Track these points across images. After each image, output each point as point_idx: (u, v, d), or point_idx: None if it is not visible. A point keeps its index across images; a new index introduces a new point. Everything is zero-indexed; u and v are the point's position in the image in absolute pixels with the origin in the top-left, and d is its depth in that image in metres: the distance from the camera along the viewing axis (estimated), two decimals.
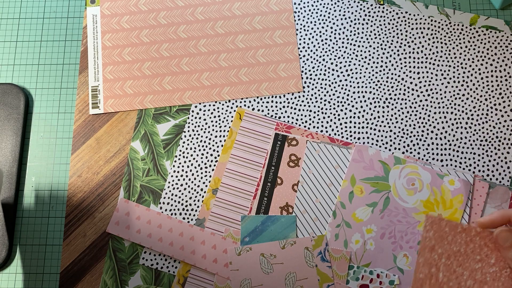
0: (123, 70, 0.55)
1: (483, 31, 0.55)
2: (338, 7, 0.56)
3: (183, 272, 0.49)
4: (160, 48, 0.55)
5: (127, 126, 0.54)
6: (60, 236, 0.51)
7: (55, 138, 0.54)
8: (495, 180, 0.51)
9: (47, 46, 0.56)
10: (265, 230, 0.50)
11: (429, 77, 0.54)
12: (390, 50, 0.55)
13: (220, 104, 0.54)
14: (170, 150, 0.53)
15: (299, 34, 0.56)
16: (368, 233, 0.49)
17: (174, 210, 0.51)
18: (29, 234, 0.51)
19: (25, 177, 0.53)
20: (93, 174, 0.52)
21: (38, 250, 0.51)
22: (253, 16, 0.56)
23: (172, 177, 0.52)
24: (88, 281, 0.50)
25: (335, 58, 0.55)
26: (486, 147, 0.52)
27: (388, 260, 0.48)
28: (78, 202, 0.52)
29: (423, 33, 0.55)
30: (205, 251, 0.49)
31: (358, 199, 0.50)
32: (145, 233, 0.50)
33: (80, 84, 0.55)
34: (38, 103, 0.55)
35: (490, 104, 0.53)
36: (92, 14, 0.57)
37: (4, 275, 0.50)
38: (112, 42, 0.56)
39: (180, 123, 0.53)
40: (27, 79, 0.55)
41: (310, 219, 0.50)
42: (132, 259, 0.50)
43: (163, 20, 0.56)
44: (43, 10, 0.57)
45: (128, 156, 0.53)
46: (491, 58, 0.54)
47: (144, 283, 0.49)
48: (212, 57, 0.55)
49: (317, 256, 0.48)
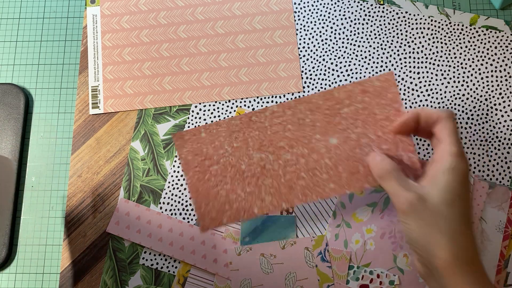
0: (123, 70, 0.55)
1: (483, 31, 0.55)
2: (338, 7, 0.56)
3: (183, 272, 0.49)
4: (160, 48, 0.55)
5: (127, 126, 0.54)
6: (60, 236, 0.51)
7: (55, 138, 0.54)
8: (495, 180, 0.51)
9: (47, 46, 0.56)
10: (265, 230, 0.50)
11: (429, 77, 0.54)
12: (390, 50, 0.55)
13: (220, 104, 0.54)
14: (170, 150, 0.53)
15: (299, 34, 0.56)
16: (368, 233, 0.49)
17: (174, 210, 0.51)
18: (29, 234, 0.51)
19: (25, 177, 0.53)
20: (93, 174, 0.52)
21: (38, 250, 0.51)
22: (253, 16, 0.56)
23: (172, 177, 0.52)
24: (88, 281, 0.50)
25: (335, 58, 0.55)
26: (486, 147, 0.52)
27: (388, 260, 0.48)
28: (78, 202, 0.52)
29: (423, 33, 0.55)
30: (205, 251, 0.49)
31: (358, 199, 0.50)
32: (145, 233, 0.50)
33: (80, 84, 0.55)
34: (38, 103, 0.55)
35: (490, 104, 0.53)
36: (92, 14, 0.57)
37: (4, 275, 0.50)
38: (112, 42, 0.56)
39: (180, 123, 0.53)
40: (27, 79, 0.55)
41: (310, 219, 0.50)
42: (132, 259, 0.50)
43: (163, 20, 0.56)
44: (43, 10, 0.57)
45: (128, 156, 0.53)
46: (491, 58, 0.54)
47: (144, 283, 0.49)
48: (212, 57, 0.55)
49: (317, 256, 0.48)
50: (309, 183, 0.44)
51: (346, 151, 0.43)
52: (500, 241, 0.48)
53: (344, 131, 0.44)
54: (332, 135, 0.44)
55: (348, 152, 0.43)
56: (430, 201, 0.36)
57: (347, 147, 0.43)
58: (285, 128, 0.45)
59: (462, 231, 0.36)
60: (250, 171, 0.45)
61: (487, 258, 0.48)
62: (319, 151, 0.44)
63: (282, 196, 0.45)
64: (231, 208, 0.45)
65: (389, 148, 0.42)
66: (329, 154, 0.44)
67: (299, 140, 0.44)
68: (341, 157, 0.43)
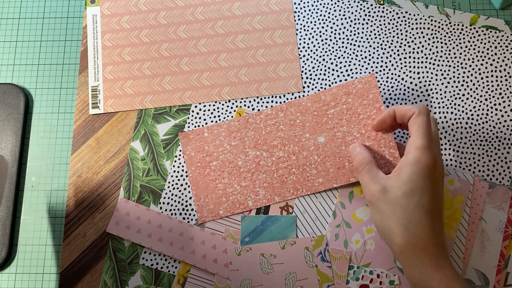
0: (123, 70, 0.55)
1: (483, 31, 0.55)
2: (338, 7, 0.56)
3: (183, 272, 0.49)
4: (160, 48, 0.55)
5: (127, 126, 0.54)
6: (60, 236, 0.51)
7: (55, 138, 0.54)
8: (495, 180, 0.51)
9: (47, 46, 0.56)
10: (265, 230, 0.50)
11: (429, 77, 0.54)
12: (390, 50, 0.55)
13: (220, 104, 0.54)
14: (170, 150, 0.53)
15: (299, 34, 0.56)
16: (368, 233, 0.49)
17: (174, 210, 0.51)
18: (29, 234, 0.51)
19: (25, 177, 0.53)
20: (93, 174, 0.52)
21: (38, 250, 0.51)
22: (253, 16, 0.56)
23: (172, 177, 0.52)
24: (88, 281, 0.50)
25: (335, 58, 0.55)
26: (486, 147, 0.52)
27: (388, 260, 0.48)
28: (78, 202, 0.52)
29: (423, 33, 0.55)
30: (205, 251, 0.49)
31: (358, 199, 0.50)
32: (145, 233, 0.50)
33: (80, 84, 0.55)
34: (38, 103, 0.55)
35: (490, 104, 0.53)
36: (92, 14, 0.57)
37: (4, 275, 0.50)
38: (112, 42, 0.56)
39: (180, 123, 0.53)
40: (27, 79, 0.55)
41: (310, 219, 0.50)
42: (132, 259, 0.50)
43: (163, 20, 0.56)
44: (43, 10, 0.57)
45: (128, 156, 0.53)
46: (491, 58, 0.54)
47: (144, 283, 0.49)
48: (212, 57, 0.55)
49: (317, 256, 0.48)
50: (299, 178, 0.49)
51: (332, 148, 0.48)
52: (500, 241, 0.48)
53: (331, 130, 0.48)
54: (320, 134, 0.48)
55: (334, 149, 0.48)
56: (391, 193, 0.40)
57: (333, 145, 0.48)
58: (278, 129, 0.50)
59: (418, 220, 0.39)
60: (246, 167, 0.49)
61: (487, 258, 0.48)
62: (309, 149, 0.48)
63: (275, 190, 0.49)
64: (228, 200, 0.49)
65: (372, 144, 0.47)
66: (317, 151, 0.48)
67: (290, 139, 0.49)
68: (328, 154, 0.48)
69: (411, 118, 0.42)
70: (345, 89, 0.49)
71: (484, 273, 0.48)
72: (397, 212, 0.40)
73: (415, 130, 0.41)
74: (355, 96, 0.48)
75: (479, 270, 0.48)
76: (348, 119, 0.48)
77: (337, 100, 0.49)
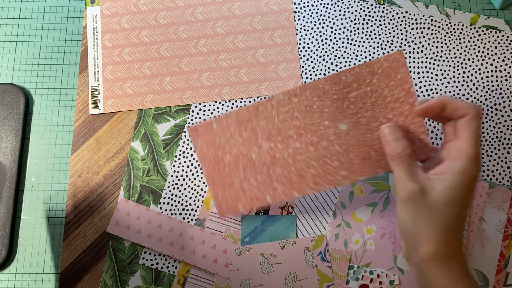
0: (123, 70, 0.55)
1: (483, 31, 0.55)
2: (338, 7, 0.56)
3: (183, 272, 0.49)
4: (160, 48, 0.55)
5: (127, 126, 0.54)
6: (60, 236, 0.51)
7: (55, 138, 0.54)
8: (495, 180, 0.51)
9: (47, 46, 0.56)
10: (265, 230, 0.50)
11: (429, 77, 0.54)
12: (390, 50, 0.55)
13: (220, 104, 0.54)
14: (170, 150, 0.53)
15: (299, 34, 0.56)
16: (368, 233, 0.49)
17: (174, 210, 0.51)
18: (29, 234, 0.51)
19: (25, 177, 0.53)
20: (93, 174, 0.52)
21: (38, 250, 0.51)
22: (253, 16, 0.56)
23: (172, 177, 0.52)
24: (88, 281, 0.50)
25: (335, 58, 0.55)
26: (486, 147, 0.52)
27: (388, 260, 0.48)
28: (78, 202, 0.52)
29: (423, 33, 0.55)
30: (205, 251, 0.49)
31: (358, 199, 0.50)
32: (145, 233, 0.50)
33: (80, 84, 0.55)
34: (38, 103, 0.55)
35: (490, 104, 0.53)
36: (92, 14, 0.57)
37: (4, 275, 0.50)
38: (112, 42, 0.56)
39: (180, 123, 0.53)
40: (27, 79, 0.55)
41: (310, 219, 0.50)
42: (132, 259, 0.50)
43: (163, 20, 0.56)
44: (43, 10, 0.57)
45: (128, 156, 0.53)
46: (491, 58, 0.54)
47: (144, 283, 0.49)
48: (212, 57, 0.55)
49: (317, 256, 0.48)
50: (320, 171, 0.43)
51: (356, 136, 0.42)
52: (500, 241, 0.48)
53: (354, 115, 0.42)
54: (341, 121, 0.42)
55: (358, 137, 0.42)
56: (431, 196, 0.37)
57: (357, 132, 0.42)
58: (292, 116, 0.44)
59: (452, 229, 0.37)
60: (261, 161, 0.45)
61: (487, 258, 0.48)
62: (329, 138, 0.43)
63: (293, 185, 0.44)
64: (245, 196, 0.45)
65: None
66: (339, 140, 0.42)
67: (307, 127, 0.43)
68: (352, 143, 0.42)
69: (465, 119, 0.38)
70: (369, 68, 0.42)
71: (484, 273, 0.48)
72: (433, 217, 0.37)
73: (467, 135, 0.38)
74: (381, 77, 0.41)
75: (479, 270, 0.48)
76: (373, 103, 0.42)
77: (360, 81, 0.42)
